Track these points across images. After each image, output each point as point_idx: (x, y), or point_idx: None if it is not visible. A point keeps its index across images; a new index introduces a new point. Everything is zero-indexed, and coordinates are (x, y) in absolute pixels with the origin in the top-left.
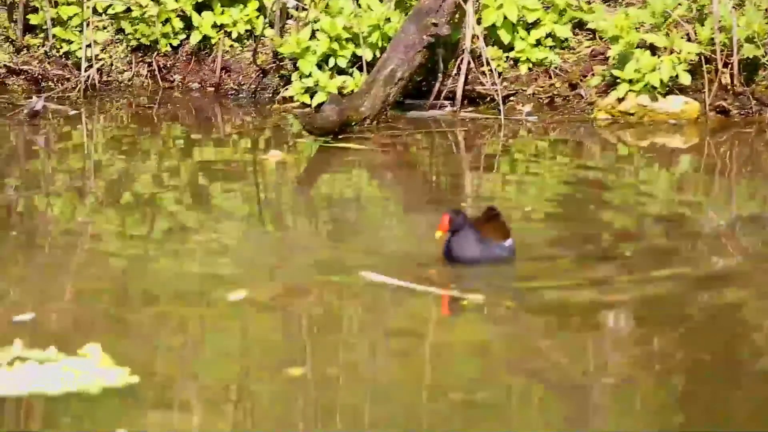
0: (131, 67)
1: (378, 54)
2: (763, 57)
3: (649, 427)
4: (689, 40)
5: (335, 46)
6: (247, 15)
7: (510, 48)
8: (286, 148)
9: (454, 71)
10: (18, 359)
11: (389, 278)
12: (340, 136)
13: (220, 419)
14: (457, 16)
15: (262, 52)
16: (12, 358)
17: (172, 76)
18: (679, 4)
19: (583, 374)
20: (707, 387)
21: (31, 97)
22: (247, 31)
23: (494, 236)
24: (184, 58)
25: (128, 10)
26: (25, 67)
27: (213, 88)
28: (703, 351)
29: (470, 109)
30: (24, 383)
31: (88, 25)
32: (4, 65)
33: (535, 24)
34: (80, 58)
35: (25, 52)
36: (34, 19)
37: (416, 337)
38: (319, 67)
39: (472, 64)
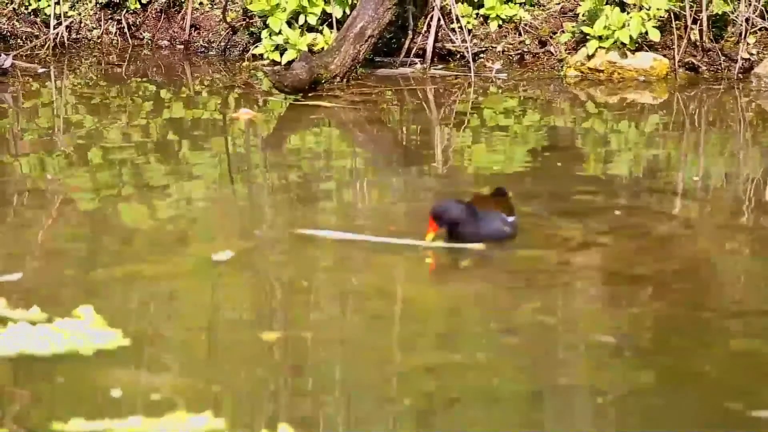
0: (100, 25)
1: (348, 11)
2: (732, 13)
3: (622, 383)
4: None
5: (305, 2)
6: None
7: (480, 5)
8: (256, 106)
9: (424, 28)
10: (9, 320)
11: (326, 231)
12: (310, 94)
13: (202, 381)
14: None
15: (231, 9)
16: None
17: (141, 33)
18: None
19: (550, 331)
20: (676, 343)
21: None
22: None
23: (497, 209)
24: (154, 16)
25: None
26: None
27: (182, 46)
28: (675, 308)
29: (440, 66)
30: (14, 344)
31: None
32: None
33: None
34: (49, 16)
35: None
36: None
37: (387, 296)
38: (289, 24)
39: (442, 21)
